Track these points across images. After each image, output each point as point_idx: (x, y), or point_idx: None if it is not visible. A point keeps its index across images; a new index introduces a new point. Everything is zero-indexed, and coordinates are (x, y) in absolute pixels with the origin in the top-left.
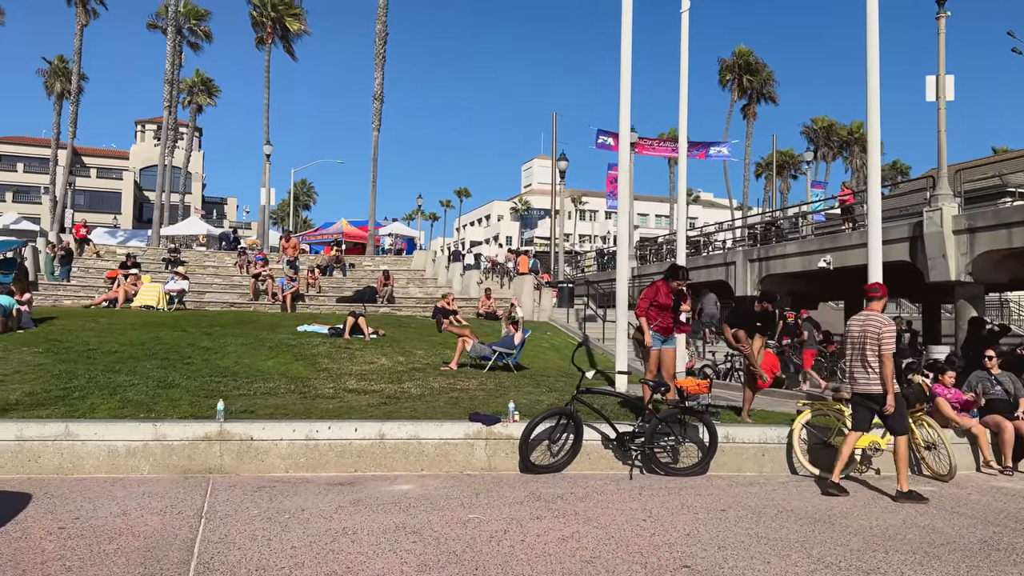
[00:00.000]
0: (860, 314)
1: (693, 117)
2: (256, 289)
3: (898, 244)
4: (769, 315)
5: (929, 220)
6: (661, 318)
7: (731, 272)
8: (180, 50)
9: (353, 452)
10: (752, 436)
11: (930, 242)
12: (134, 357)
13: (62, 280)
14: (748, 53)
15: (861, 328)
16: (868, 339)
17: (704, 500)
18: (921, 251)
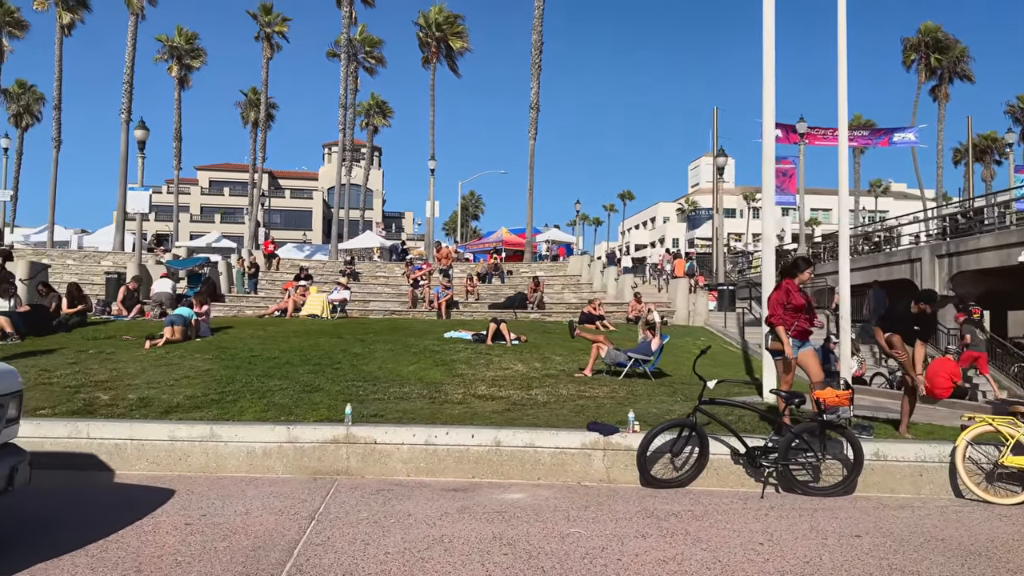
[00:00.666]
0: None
1: (874, 103)
2: (414, 297)
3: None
4: (928, 318)
5: None
6: (798, 321)
7: (916, 270)
8: (356, 75)
9: (470, 458)
10: (907, 453)
11: None
12: (289, 363)
13: (248, 292)
14: (935, 29)
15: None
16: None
17: (839, 524)
18: None
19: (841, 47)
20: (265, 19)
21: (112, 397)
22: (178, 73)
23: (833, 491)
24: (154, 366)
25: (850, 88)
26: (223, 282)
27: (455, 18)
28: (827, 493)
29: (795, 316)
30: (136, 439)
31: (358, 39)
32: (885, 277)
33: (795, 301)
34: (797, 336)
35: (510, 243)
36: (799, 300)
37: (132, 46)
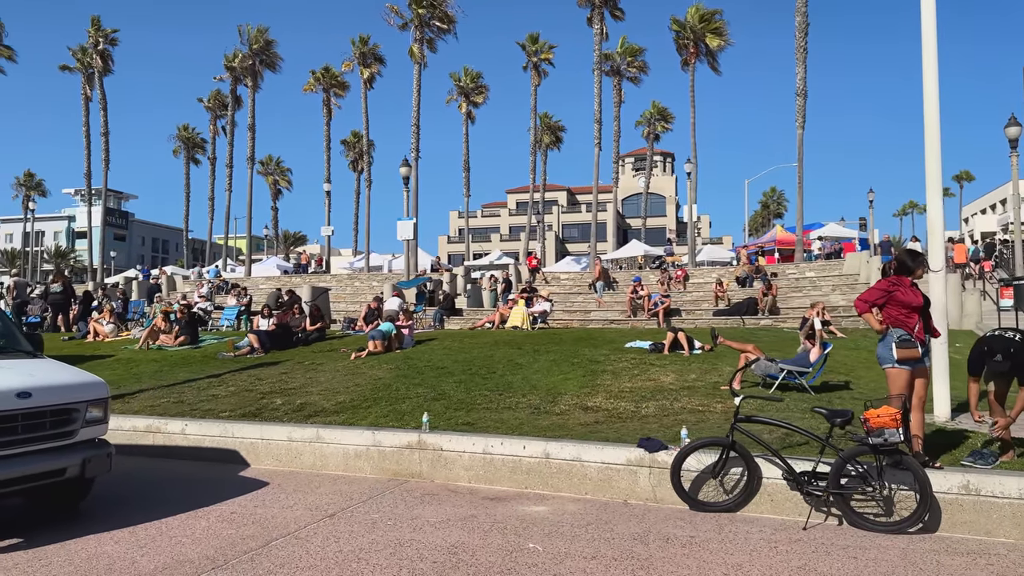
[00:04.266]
0: None
1: None
2: (633, 305)
3: None
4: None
5: None
6: (910, 321)
7: None
8: (620, 87)
9: (523, 469)
10: (1008, 488)
11: None
12: (450, 372)
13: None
14: None
15: None
16: None
17: (851, 565)
18: None
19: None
20: (532, 48)
21: (284, 402)
22: (466, 109)
23: (897, 527)
24: (343, 375)
25: None
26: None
27: (712, 14)
28: (889, 529)
29: (908, 314)
30: (264, 439)
31: (619, 51)
32: None
33: (904, 297)
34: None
35: (783, 242)
36: (912, 298)
37: (417, 91)
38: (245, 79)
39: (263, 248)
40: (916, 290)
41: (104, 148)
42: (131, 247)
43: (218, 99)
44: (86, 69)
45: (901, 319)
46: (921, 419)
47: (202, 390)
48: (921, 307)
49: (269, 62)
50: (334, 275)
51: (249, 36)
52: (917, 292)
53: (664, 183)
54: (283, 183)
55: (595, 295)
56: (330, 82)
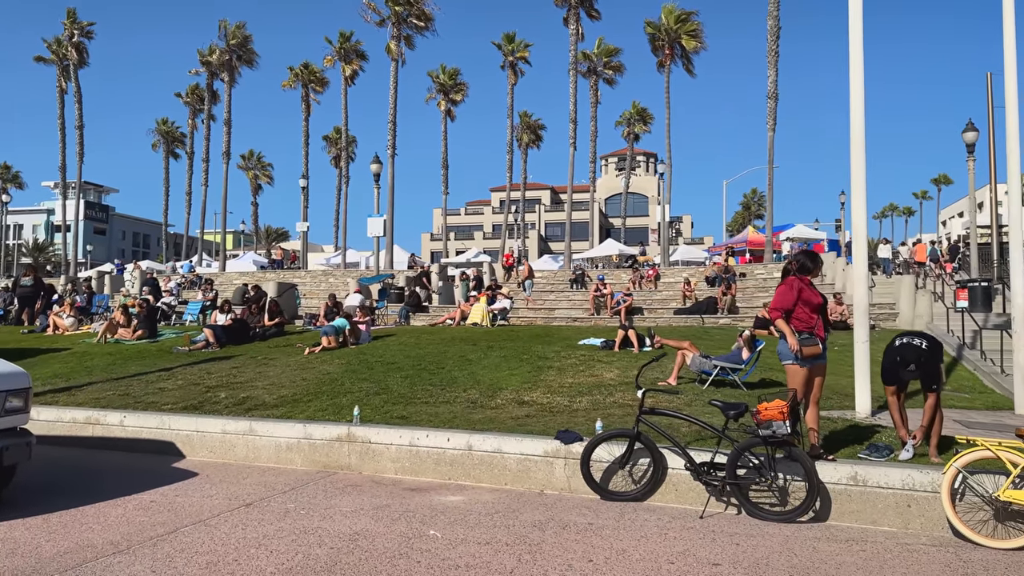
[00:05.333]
0: None
1: None
2: (597, 303)
3: None
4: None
5: None
6: (812, 320)
7: None
8: (596, 88)
9: (447, 460)
10: (892, 479)
11: None
12: (399, 368)
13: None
14: None
15: None
16: None
17: (731, 551)
18: None
19: None
20: (508, 47)
21: (228, 395)
22: (445, 107)
23: (788, 516)
24: (292, 370)
25: None
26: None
27: (687, 16)
28: (782, 518)
29: (810, 314)
30: (199, 431)
31: (596, 52)
32: None
33: (809, 297)
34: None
35: (755, 243)
36: (815, 297)
37: (394, 87)
38: (222, 74)
39: (247, 243)
40: (815, 290)
41: (79, 141)
42: (111, 241)
43: (196, 93)
44: (61, 61)
45: (804, 318)
46: (817, 413)
47: (150, 383)
48: (821, 306)
49: (246, 58)
50: (309, 271)
51: (227, 31)
52: (816, 292)
53: (647, 183)
54: (264, 178)
55: (524, 293)
56: (309, 78)
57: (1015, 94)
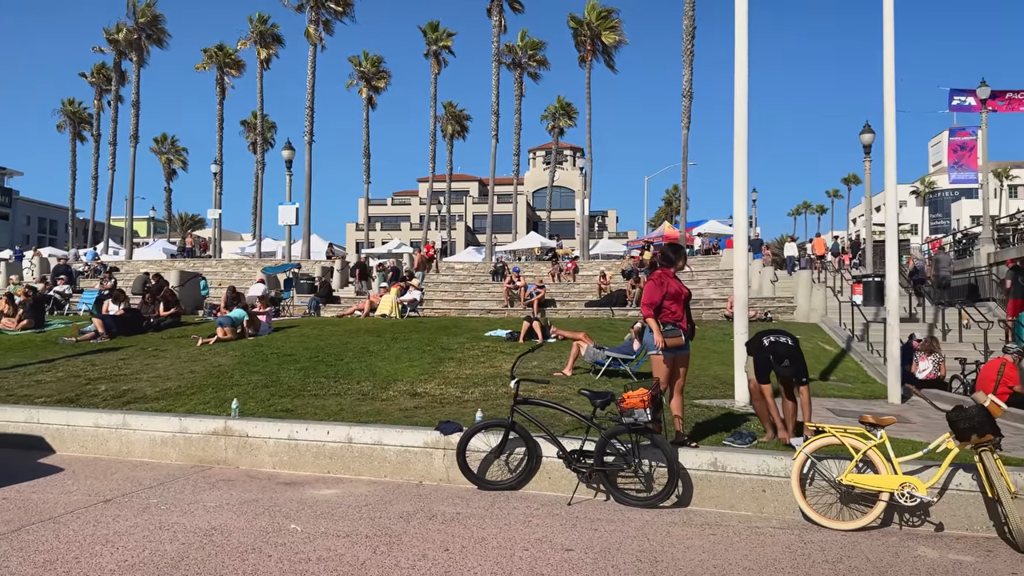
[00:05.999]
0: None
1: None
2: (510, 295)
3: None
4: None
5: None
6: (676, 312)
7: None
8: (521, 81)
9: (326, 454)
10: (749, 465)
11: None
12: (295, 359)
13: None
14: None
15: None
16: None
17: (587, 537)
18: None
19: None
20: (432, 35)
21: (108, 388)
22: (366, 95)
23: (651, 501)
24: (183, 362)
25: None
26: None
27: (608, 12)
28: (645, 503)
29: (676, 305)
30: (71, 425)
31: (520, 45)
32: None
33: (673, 288)
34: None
35: (669, 238)
36: (678, 288)
37: (312, 73)
38: (130, 54)
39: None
40: (679, 281)
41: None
42: (14, 226)
43: (102, 73)
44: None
45: (669, 309)
46: (682, 401)
47: (28, 375)
48: (684, 297)
49: (156, 37)
50: (222, 260)
51: (136, 9)
52: (680, 283)
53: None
54: (178, 163)
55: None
56: (224, 60)
57: (893, 113)
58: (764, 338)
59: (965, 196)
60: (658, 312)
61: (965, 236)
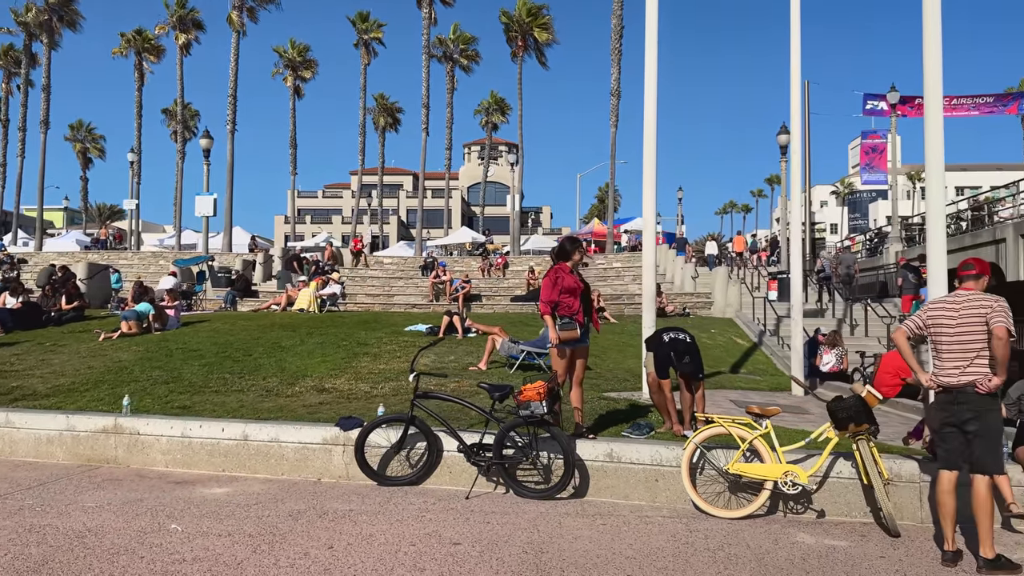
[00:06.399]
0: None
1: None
2: (436, 290)
3: None
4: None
5: None
6: (572, 305)
7: (1002, 252)
8: (453, 74)
9: (221, 452)
10: (643, 455)
11: None
12: (201, 355)
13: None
14: None
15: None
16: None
17: (478, 530)
18: None
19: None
20: (362, 26)
21: None
22: (292, 83)
23: (548, 493)
24: (82, 357)
25: (991, 55)
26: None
27: (539, 9)
28: (543, 495)
29: (571, 299)
30: None
31: (452, 38)
32: None
33: (569, 283)
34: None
35: (599, 234)
36: (573, 283)
37: (235, 60)
38: (40, 36)
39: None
40: (575, 276)
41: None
42: None
43: (11, 55)
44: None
45: (565, 303)
46: (581, 393)
47: None
48: (581, 291)
49: (69, 19)
50: (139, 253)
51: None
52: (575, 278)
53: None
54: (95, 151)
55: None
56: (142, 45)
57: (799, 118)
58: (664, 334)
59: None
60: (555, 309)
61: (876, 235)
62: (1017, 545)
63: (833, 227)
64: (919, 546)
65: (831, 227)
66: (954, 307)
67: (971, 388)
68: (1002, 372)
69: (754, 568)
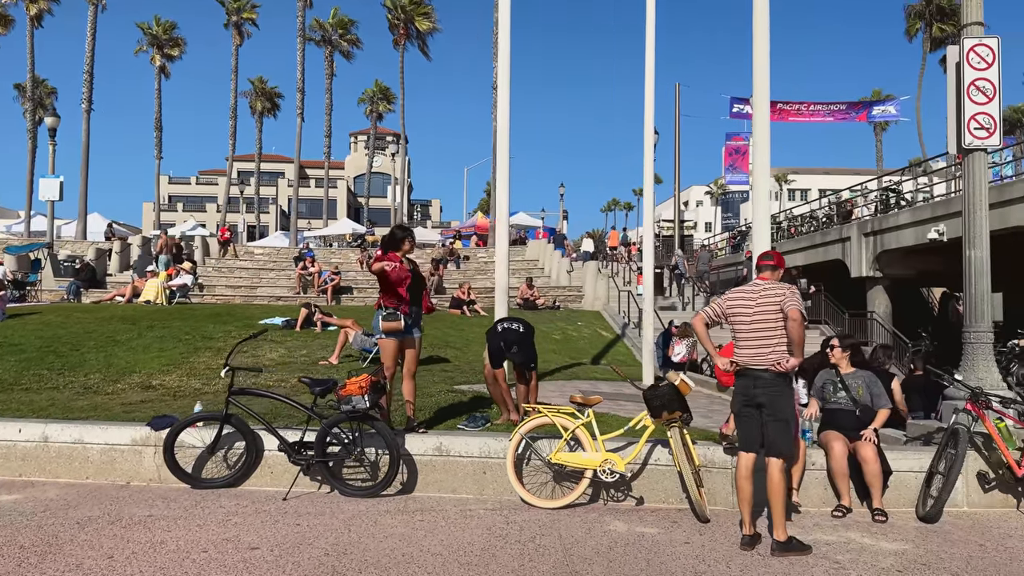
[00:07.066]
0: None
1: (877, 75)
2: (304, 282)
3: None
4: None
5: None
6: (400, 296)
7: (847, 249)
8: (332, 59)
9: (17, 455)
10: (471, 448)
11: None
12: (21, 349)
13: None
14: None
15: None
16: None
17: (284, 533)
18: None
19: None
20: (233, 6)
21: None
22: (159, 63)
23: (373, 491)
24: None
25: (852, 60)
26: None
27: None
28: (368, 493)
29: (401, 288)
30: None
31: (331, 22)
32: (822, 258)
33: (397, 273)
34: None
35: (481, 228)
36: (403, 273)
37: (92, 35)
38: None
39: None
40: (404, 265)
41: None
42: None
43: None
44: None
45: (393, 294)
46: (413, 386)
47: None
48: (410, 281)
49: None
50: None
51: None
52: (405, 267)
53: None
54: None
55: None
56: None
57: (651, 120)
58: (499, 325)
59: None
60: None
61: (739, 233)
62: (811, 527)
63: (708, 225)
64: (724, 531)
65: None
66: (752, 295)
67: (767, 371)
68: (798, 353)
69: (558, 559)
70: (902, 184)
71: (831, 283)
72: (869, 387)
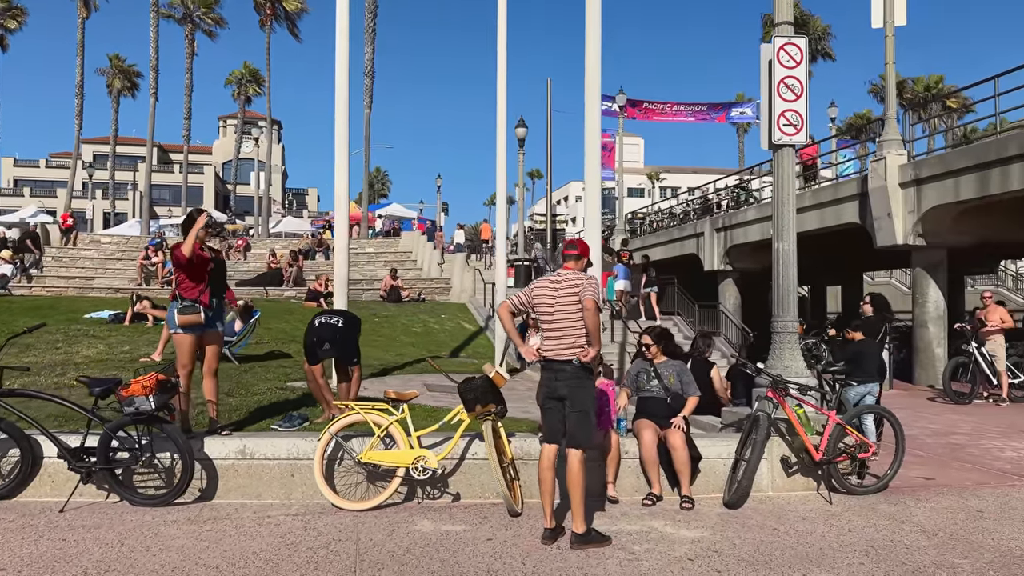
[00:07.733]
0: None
1: (735, 80)
2: (146, 272)
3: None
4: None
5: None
6: (197, 286)
7: (701, 244)
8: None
9: None
10: (279, 450)
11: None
12: None
13: None
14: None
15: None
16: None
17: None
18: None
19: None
20: None
21: None
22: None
23: (163, 499)
24: None
25: (713, 64)
26: None
27: None
28: (157, 502)
29: (197, 276)
30: None
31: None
32: (679, 252)
33: (194, 259)
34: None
35: (353, 218)
36: (201, 258)
37: None
38: None
39: None
40: (204, 253)
41: None
42: None
43: None
44: None
45: (189, 282)
46: (214, 386)
47: None
48: (209, 271)
49: None
50: None
51: None
52: (205, 254)
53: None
54: None
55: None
56: None
57: (504, 118)
58: (316, 319)
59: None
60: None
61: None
62: (619, 516)
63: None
64: (531, 525)
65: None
66: (555, 285)
67: (568, 362)
68: (596, 343)
69: (346, 565)
70: (750, 182)
71: (688, 276)
72: (680, 375)
